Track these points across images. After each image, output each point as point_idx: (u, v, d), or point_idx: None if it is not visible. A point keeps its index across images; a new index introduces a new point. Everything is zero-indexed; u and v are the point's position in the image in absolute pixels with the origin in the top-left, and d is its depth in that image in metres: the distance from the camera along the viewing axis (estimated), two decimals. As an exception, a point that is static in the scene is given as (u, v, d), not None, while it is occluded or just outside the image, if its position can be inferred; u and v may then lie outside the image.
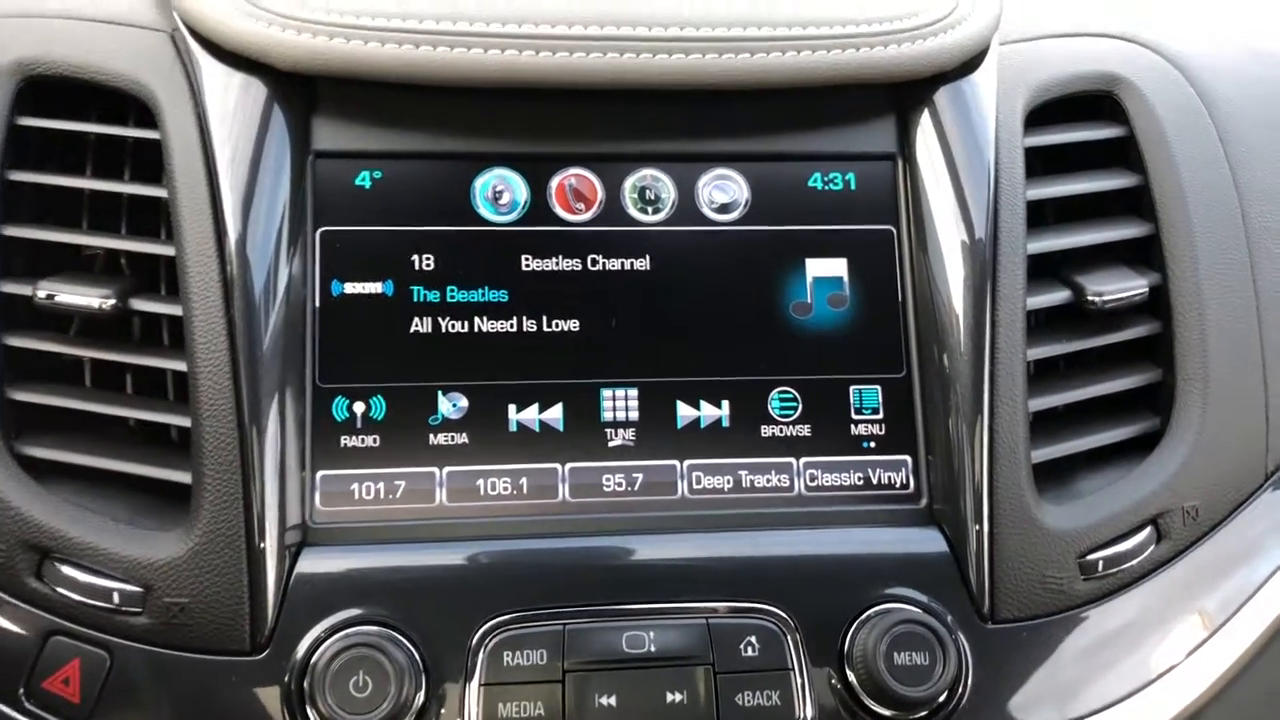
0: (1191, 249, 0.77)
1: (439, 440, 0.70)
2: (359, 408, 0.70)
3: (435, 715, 0.64)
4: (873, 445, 0.73)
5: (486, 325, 0.72)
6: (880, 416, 0.73)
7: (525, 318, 0.72)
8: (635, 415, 0.71)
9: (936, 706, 0.66)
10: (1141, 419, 0.76)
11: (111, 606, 0.64)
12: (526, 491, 0.70)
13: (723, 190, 0.75)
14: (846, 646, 0.67)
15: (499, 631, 0.65)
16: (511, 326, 0.72)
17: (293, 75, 0.70)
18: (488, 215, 0.73)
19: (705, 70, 0.71)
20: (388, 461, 0.69)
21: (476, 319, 0.72)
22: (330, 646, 0.63)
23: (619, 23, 0.71)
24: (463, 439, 0.70)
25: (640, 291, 0.73)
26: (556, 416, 0.71)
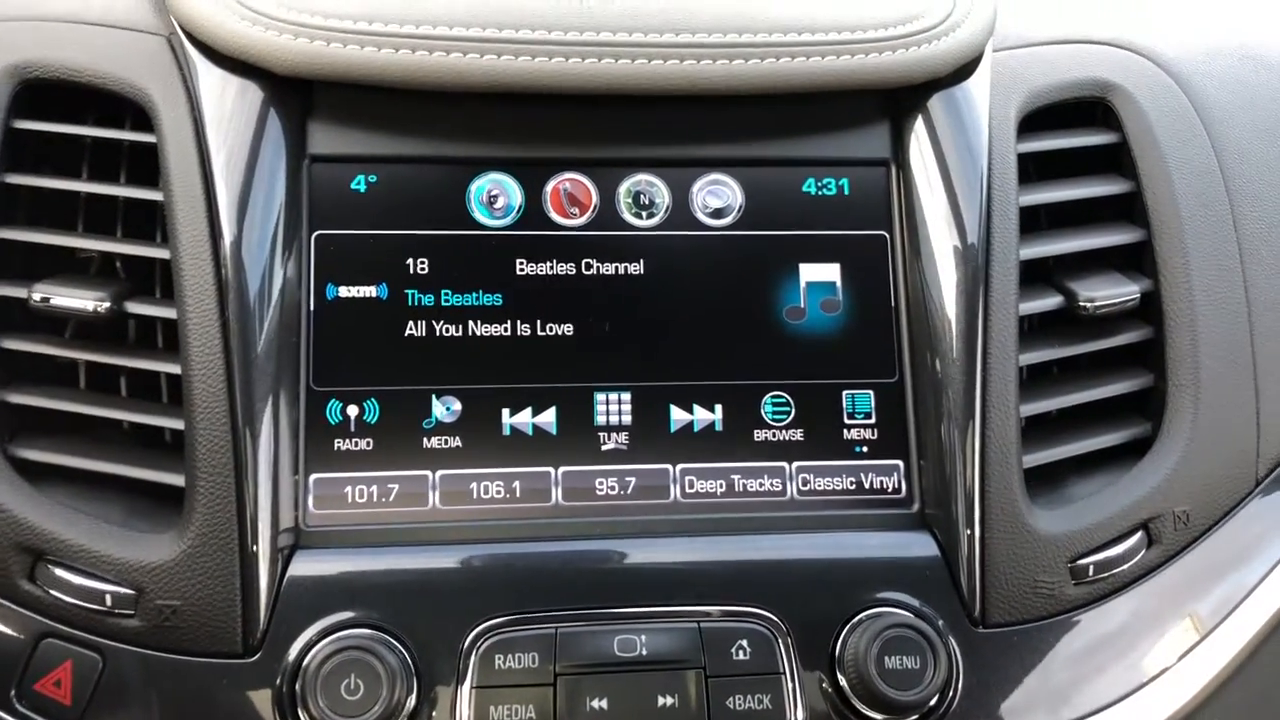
0: (1183, 255, 0.77)
1: (432, 443, 0.70)
2: (353, 411, 0.70)
3: (427, 718, 0.64)
4: (865, 450, 0.73)
5: (480, 329, 0.72)
6: (872, 421, 0.73)
7: (519, 321, 0.72)
8: (628, 419, 0.72)
9: (927, 711, 0.67)
10: (1133, 424, 0.76)
11: (104, 609, 0.64)
12: (519, 495, 0.70)
13: (717, 195, 0.75)
14: (838, 650, 0.67)
15: (491, 634, 0.65)
16: (505, 330, 0.72)
17: (289, 79, 0.70)
18: (482, 219, 0.73)
19: (699, 76, 0.71)
20: (381, 464, 0.69)
21: (471, 323, 0.72)
22: (322, 649, 0.63)
23: (614, 28, 0.71)
24: (456, 442, 0.70)
25: (634, 296, 0.73)
26: (550, 420, 0.71)
